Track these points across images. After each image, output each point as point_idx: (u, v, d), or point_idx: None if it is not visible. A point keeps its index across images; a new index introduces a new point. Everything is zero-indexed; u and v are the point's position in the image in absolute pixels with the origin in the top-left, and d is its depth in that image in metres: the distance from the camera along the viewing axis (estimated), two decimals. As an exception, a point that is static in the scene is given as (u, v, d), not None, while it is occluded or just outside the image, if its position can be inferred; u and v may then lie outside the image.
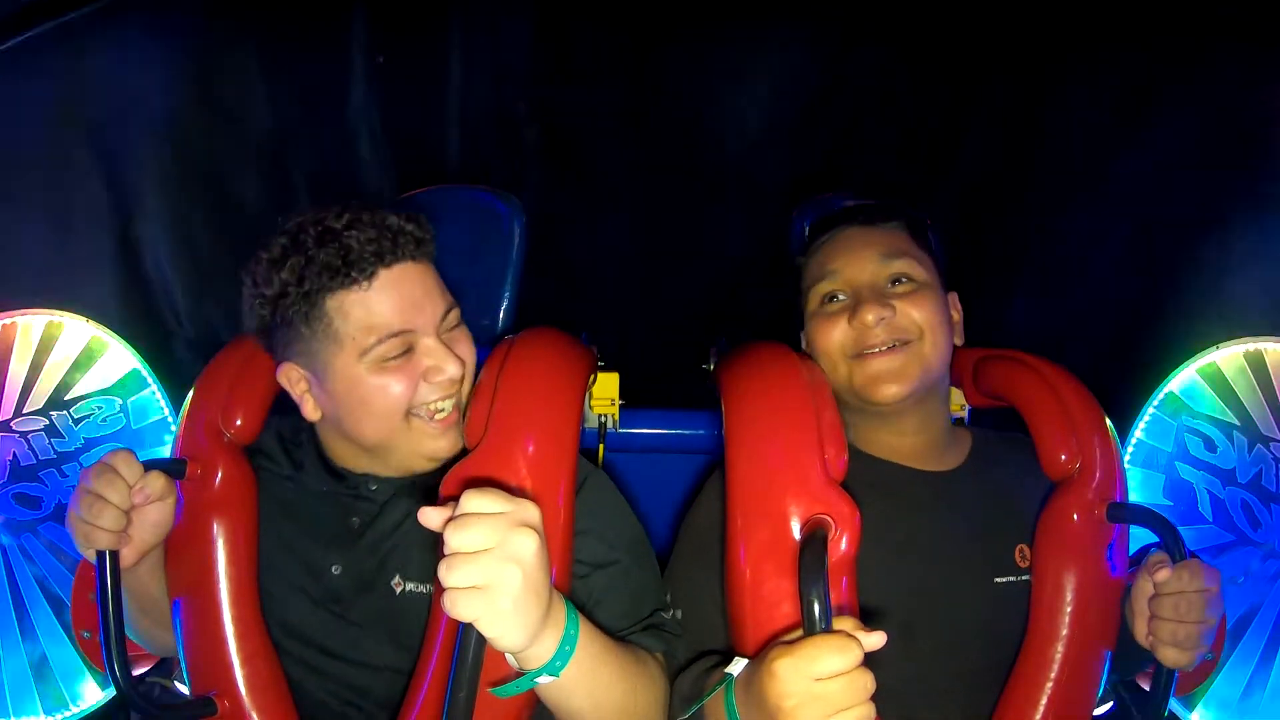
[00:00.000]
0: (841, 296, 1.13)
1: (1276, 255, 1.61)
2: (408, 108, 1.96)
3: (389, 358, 0.99)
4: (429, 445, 1.04)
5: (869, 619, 0.88)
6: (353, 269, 0.96)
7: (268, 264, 0.98)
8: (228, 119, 1.86)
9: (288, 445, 1.16)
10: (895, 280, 1.12)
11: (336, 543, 1.08)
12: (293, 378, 1.04)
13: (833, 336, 1.12)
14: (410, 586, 1.05)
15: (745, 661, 0.85)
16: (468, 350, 1.06)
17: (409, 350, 1.00)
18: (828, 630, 0.75)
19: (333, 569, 1.08)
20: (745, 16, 1.88)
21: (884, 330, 1.08)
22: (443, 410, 1.03)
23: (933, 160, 1.94)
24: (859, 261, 1.13)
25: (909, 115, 1.94)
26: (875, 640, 0.75)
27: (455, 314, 1.06)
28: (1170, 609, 0.94)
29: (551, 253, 2.00)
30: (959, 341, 1.19)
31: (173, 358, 1.82)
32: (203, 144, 1.86)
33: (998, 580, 1.08)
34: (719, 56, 1.92)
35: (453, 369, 1.01)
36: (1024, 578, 1.08)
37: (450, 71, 1.93)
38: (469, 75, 1.93)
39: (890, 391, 1.08)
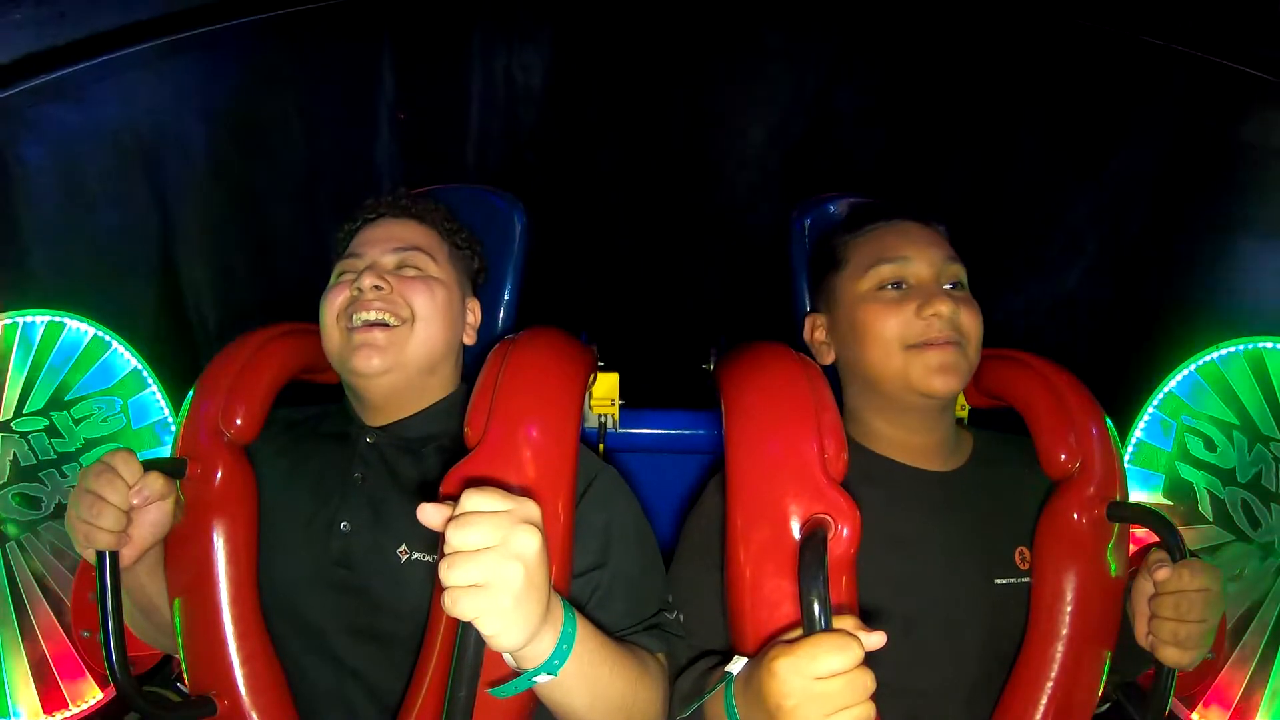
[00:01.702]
0: (904, 285, 1.13)
1: (1276, 255, 1.61)
2: (427, 147, 2.15)
3: (342, 273, 1.18)
4: (349, 356, 1.11)
5: (869, 618, 0.88)
6: (353, 221, 1.25)
7: None
8: (269, 154, 2.02)
9: (306, 421, 1.24)
10: (954, 284, 1.13)
11: (343, 498, 1.10)
12: None
13: (891, 323, 1.11)
14: (417, 555, 1.06)
15: (745, 660, 0.85)
16: (412, 290, 1.15)
17: (359, 272, 1.15)
18: (828, 629, 0.75)
19: (341, 525, 1.08)
20: (742, 53, 1.99)
21: (948, 326, 1.09)
22: (368, 315, 1.11)
23: (931, 156, 1.95)
24: (929, 255, 1.13)
25: (908, 116, 1.96)
26: (876, 640, 0.75)
27: (413, 258, 1.18)
28: (1170, 608, 0.94)
29: (552, 253, 2.01)
30: None
31: (190, 361, 1.86)
32: (245, 176, 2.00)
33: (998, 581, 1.08)
34: (721, 72, 1.97)
35: (366, 281, 1.12)
36: (1024, 579, 1.08)
37: (468, 122, 2.11)
38: (483, 126, 2.12)
39: (942, 384, 1.08)
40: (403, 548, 1.06)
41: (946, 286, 1.12)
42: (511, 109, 2.10)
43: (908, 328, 1.10)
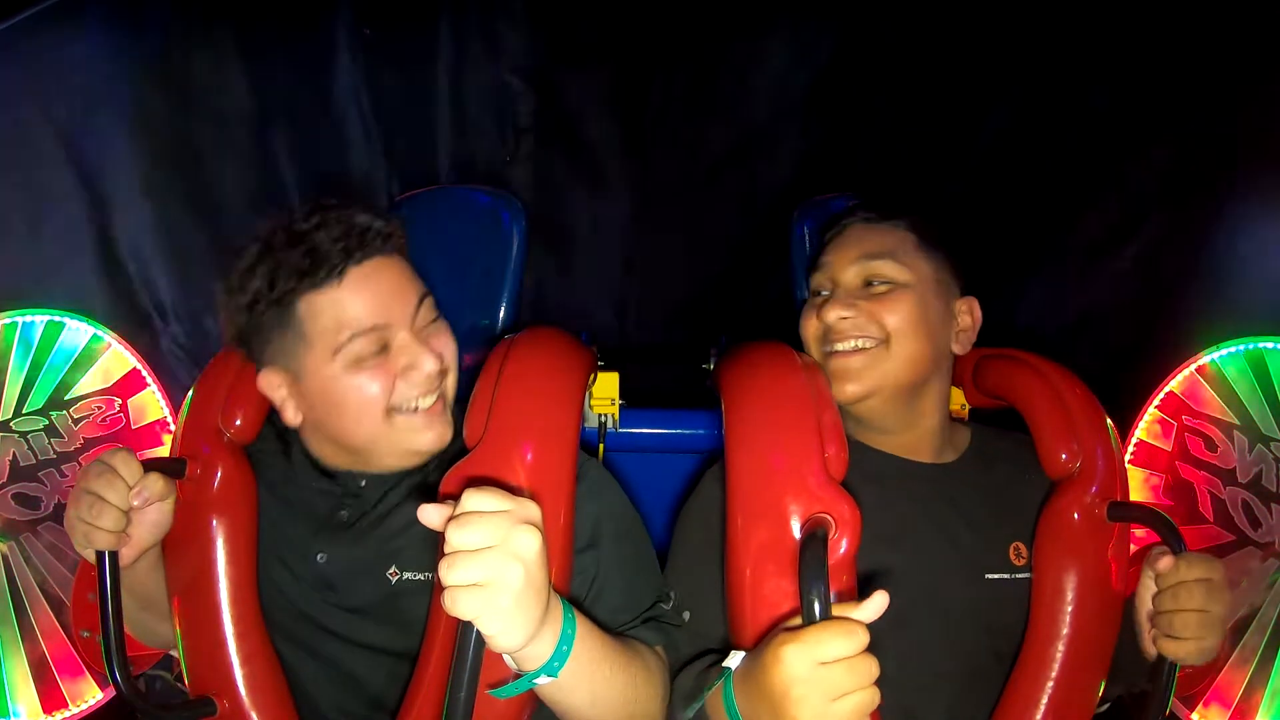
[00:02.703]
0: (825, 291, 1.17)
1: (1276, 255, 1.60)
2: (398, 87, 1.88)
3: (364, 356, 0.98)
4: (416, 440, 1.03)
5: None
6: (321, 268, 0.97)
7: (241, 273, 1.00)
8: (207, 104, 1.80)
9: (285, 438, 1.16)
10: (870, 281, 1.14)
11: (324, 533, 1.08)
12: (273, 382, 1.04)
13: (808, 328, 1.17)
14: (408, 575, 1.04)
15: (742, 655, 0.85)
16: (446, 344, 1.05)
17: (384, 348, 0.99)
18: None
19: (318, 557, 1.07)
20: (750, 7, 1.83)
21: (849, 328, 1.11)
22: (426, 403, 1.03)
23: (936, 161, 1.94)
24: (843, 259, 1.16)
25: (913, 117, 1.93)
26: (879, 603, 0.75)
27: (429, 305, 1.05)
28: (1170, 599, 0.94)
29: (551, 252, 2.00)
30: (959, 350, 1.19)
31: (161, 353, 1.80)
32: (182, 133, 1.81)
33: (989, 576, 1.08)
34: (722, 50, 1.89)
35: (429, 365, 1.00)
36: (1019, 575, 1.08)
37: (441, 49, 1.85)
38: (460, 54, 1.86)
39: (848, 390, 1.10)
40: (392, 569, 1.05)
41: (868, 285, 1.14)
42: (492, 27, 1.83)
43: (818, 332, 1.15)
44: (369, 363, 0.99)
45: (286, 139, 1.85)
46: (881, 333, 1.10)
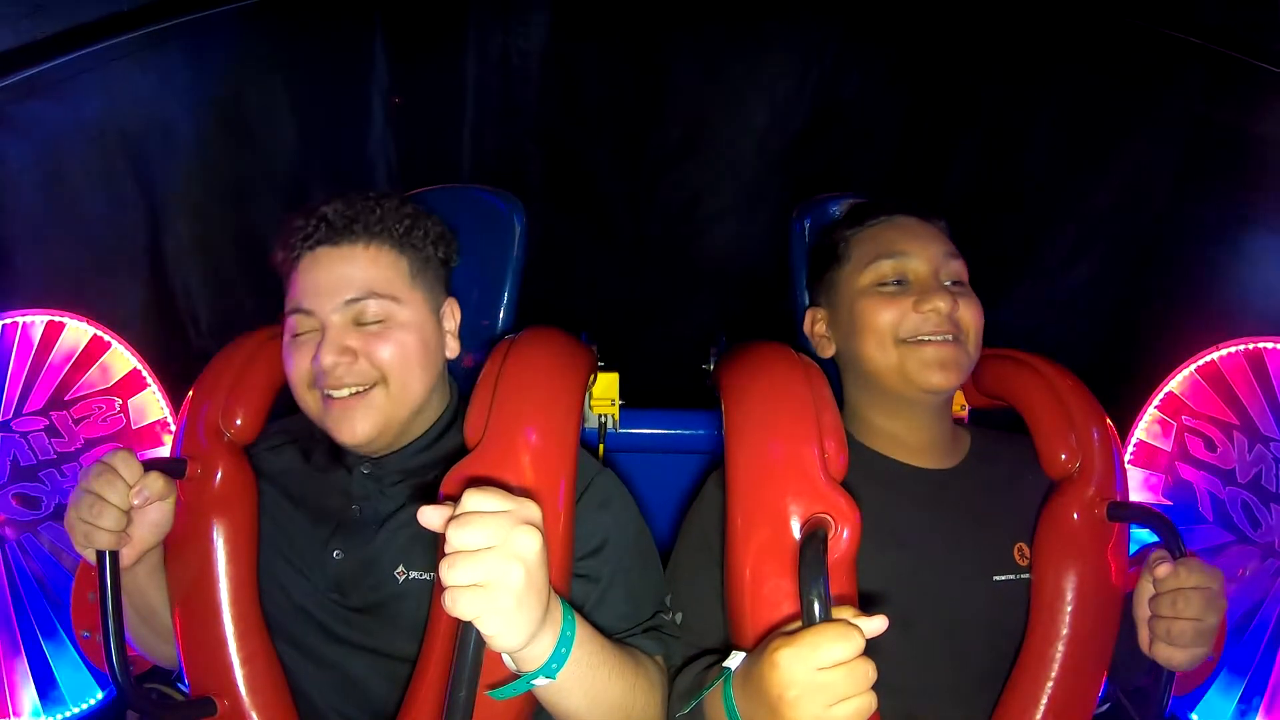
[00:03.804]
0: (903, 280, 1.13)
1: (1275, 256, 1.60)
2: (422, 136, 2.12)
3: (298, 332, 1.07)
4: (334, 430, 1.05)
5: (868, 608, 0.87)
6: (288, 249, 1.08)
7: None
8: (255, 146, 2.01)
9: (299, 438, 1.18)
10: (954, 281, 1.14)
11: (339, 530, 1.09)
12: None
13: (887, 316, 1.11)
14: (414, 574, 1.05)
15: (743, 655, 0.85)
16: (382, 346, 1.04)
17: (316, 329, 1.05)
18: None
19: (334, 554, 1.08)
20: (744, 38, 1.97)
21: (945, 322, 1.10)
22: (338, 394, 1.04)
23: (932, 157, 1.95)
24: (928, 251, 1.14)
25: (906, 117, 1.96)
26: (877, 625, 0.75)
27: (377, 306, 1.05)
28: (1168, 606, 0.94)
29: (552, 253, 2.01)
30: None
31: (186, 362, 1.85)
32: (230, 167, 1.98)
33: (996, 578, 1.08)
34: (720, 72, 1.97)
35: (326, 359, 1.02)
36: (1024, 576, 1.08)
37: (465, 108, 2.09)
38: (480, 113, 2.10)
39: (940, 379, 1.09)
40: (400, 568, 1.05)
41: (947, 283, 1.13)
42: (508, 91, 2.06)
43: (904, 321, 1.11)
44: (301, 338, 1.06)
45: (322, 185, 2.06)
46: (965, 329, 1.11)
